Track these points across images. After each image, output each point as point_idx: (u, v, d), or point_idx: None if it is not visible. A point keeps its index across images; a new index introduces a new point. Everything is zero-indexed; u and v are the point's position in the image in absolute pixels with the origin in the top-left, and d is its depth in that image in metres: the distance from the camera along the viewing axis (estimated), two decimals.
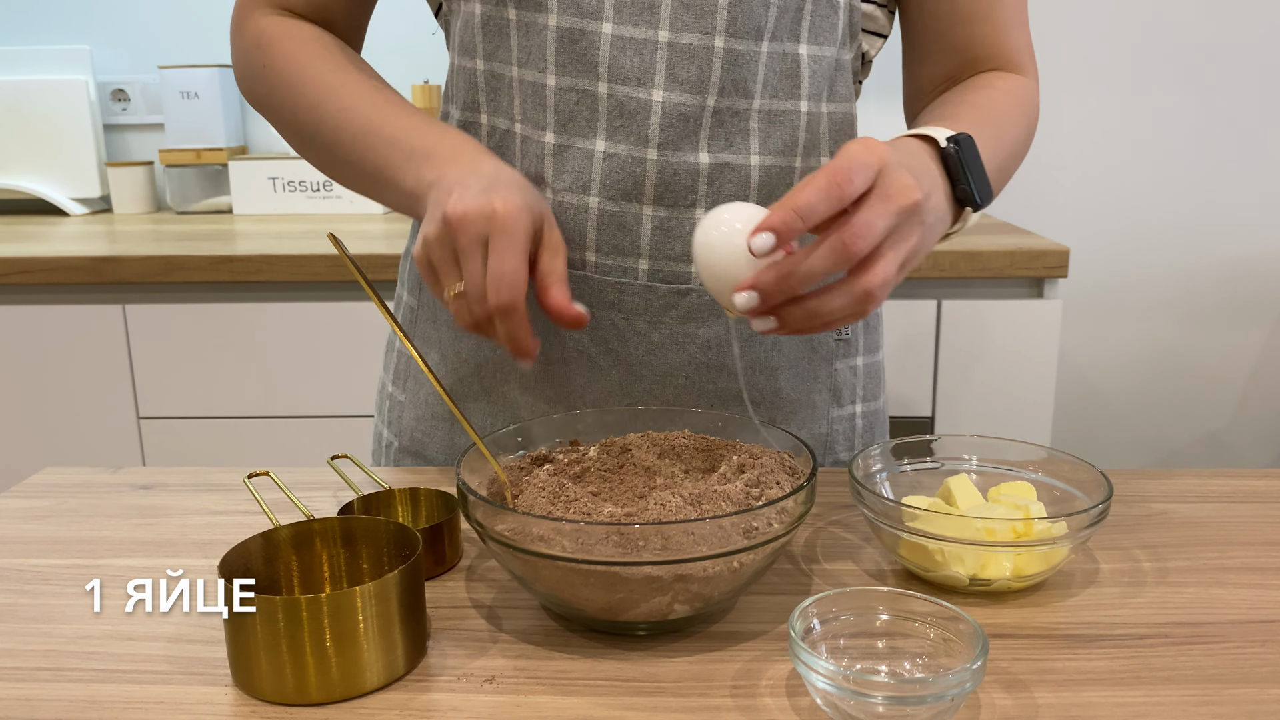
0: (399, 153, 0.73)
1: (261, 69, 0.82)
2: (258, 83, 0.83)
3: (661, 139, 0.75)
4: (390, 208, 0.78)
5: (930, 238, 0.63)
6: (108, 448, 1.75)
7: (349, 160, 0.77)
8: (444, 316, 0.85)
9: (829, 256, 0.56)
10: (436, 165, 0.71)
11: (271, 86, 0.81)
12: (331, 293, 1.69)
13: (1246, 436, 2.33)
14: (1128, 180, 2.21)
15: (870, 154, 0.58)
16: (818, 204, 0.56)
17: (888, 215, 0.57)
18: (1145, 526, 0.74)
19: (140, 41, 2.21)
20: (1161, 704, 0.53)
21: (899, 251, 0.59)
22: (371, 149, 0.75)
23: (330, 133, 0.78)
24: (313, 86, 0.79)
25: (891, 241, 0.58)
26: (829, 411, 0.86)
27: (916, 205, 0.58)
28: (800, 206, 0.56)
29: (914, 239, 0.60)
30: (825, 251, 0.56)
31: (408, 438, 0.89)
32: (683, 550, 0.54)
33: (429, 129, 0.74)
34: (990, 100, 0.78)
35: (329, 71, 0.79)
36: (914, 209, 0.58)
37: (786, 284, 0.57)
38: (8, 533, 0.74)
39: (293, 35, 0.81)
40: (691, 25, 0.73)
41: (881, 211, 0.57)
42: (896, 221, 0.58)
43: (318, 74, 0.79)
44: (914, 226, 0.60)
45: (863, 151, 0.58)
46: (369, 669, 0.53)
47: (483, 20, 0.78)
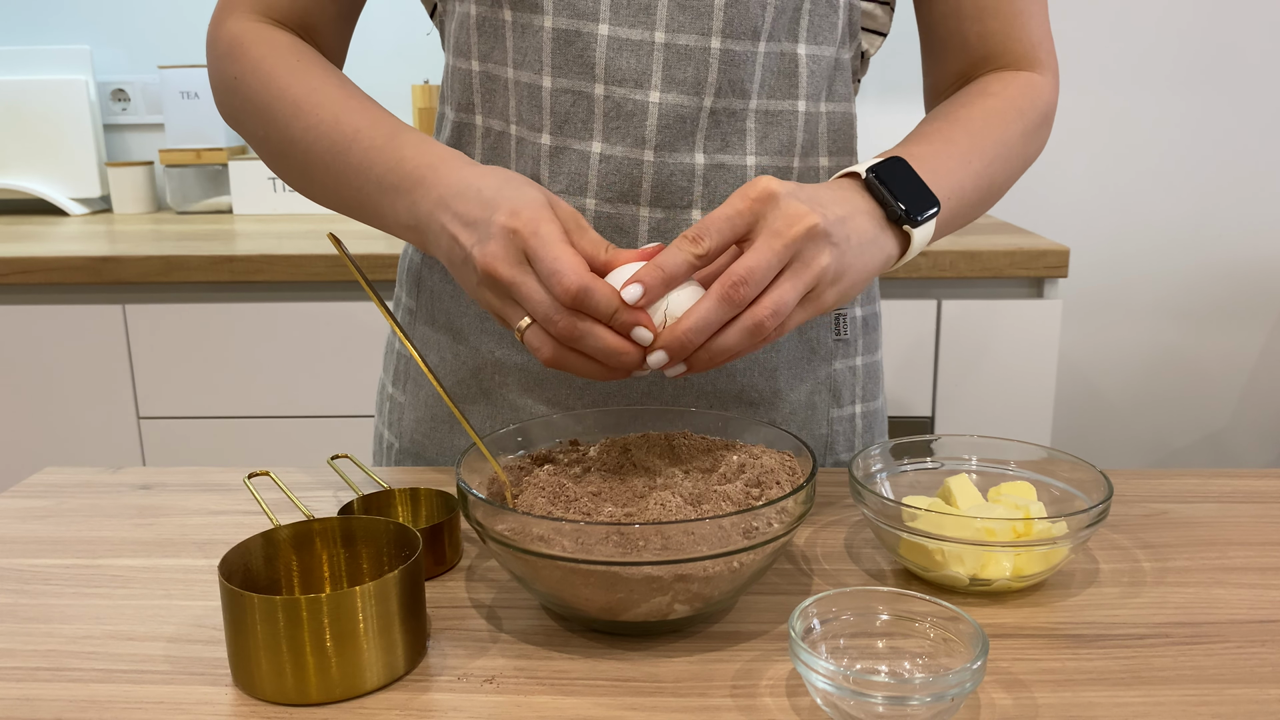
0: (369, 182, 0.70)
1: (234, 80, 0.78)
2: (230, 94, 0.79)
3: (658, 140, 0.75)
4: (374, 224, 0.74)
5: (859, 259, 0.64)
6: (108, 448, 1.75)
7: (325, 184, 0.74)
8: (442, 318, 0.85)
9: (717, 307, 0.59)
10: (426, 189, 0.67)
11: (242, 99, 0.78)
12: (331, 293, 1.69)
13: (1246, 436, 2.33)
14: (1128, 180, 2.21)
15: (742, 200, 0.61)
16: (675, 261, 0.60)
17: (774, 251, 0.59)
18: (1145, 526, 0.74)
19: (140, 41, 2.21)
20: (1161, 704, 0.53)
21: (799, 279, 0.60)
22: (342, 176, 0.72)
23: (301, 156, 0.75)
24: (280, 102, 0.75)
25: (791, 271, 0.60)
26: (829, 412, 0.86)
27: (813, 229, 0.60)
28: (663, 262, 0.60)
29: (822, 261, 0.61)
30: (712, 303, 0.59)
31: (408, 439, 0.89)
32: (683, 550, 0.54)
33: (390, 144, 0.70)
34: (977, 112, 0.78)
35: (297, 83, 0.75)
36: (810, 234, 0.60)
37: (688, 339, 0.60)
38: (8, 533, 0.74)
39: (262, 43, 0.78)
40: (688, 26, 0.73)
41: (766, 249, 0.59)
42: (788, 252, 0.60)
43: (285, 86, 0.75)
44: (817, 250, 0.61)
45: (735, 199, 0.61)
46: (369, 669, 0.53)
47: (478, 21, 0.78)
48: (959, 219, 0.75)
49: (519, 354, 0.81)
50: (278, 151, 0.77)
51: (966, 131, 0.76)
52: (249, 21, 0.80)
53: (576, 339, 0.60)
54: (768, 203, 0.60)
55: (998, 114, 0.78)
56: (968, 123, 0.77)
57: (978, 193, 0.76)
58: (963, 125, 0.77)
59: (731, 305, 0.59)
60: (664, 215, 0.76)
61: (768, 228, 0.60)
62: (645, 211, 0.76)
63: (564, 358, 0.61)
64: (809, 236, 0.60)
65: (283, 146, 0.76)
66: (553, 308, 0.60)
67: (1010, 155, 0.78)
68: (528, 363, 0.81)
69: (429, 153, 0.69)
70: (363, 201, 0.72)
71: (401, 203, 0.69)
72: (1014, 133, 0.78)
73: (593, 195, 0.76)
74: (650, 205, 0.76)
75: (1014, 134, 0.78)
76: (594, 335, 0.60)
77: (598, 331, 0.60)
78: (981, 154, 0.75)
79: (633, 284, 0.59)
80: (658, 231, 0.77)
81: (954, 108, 0.79)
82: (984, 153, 0.76)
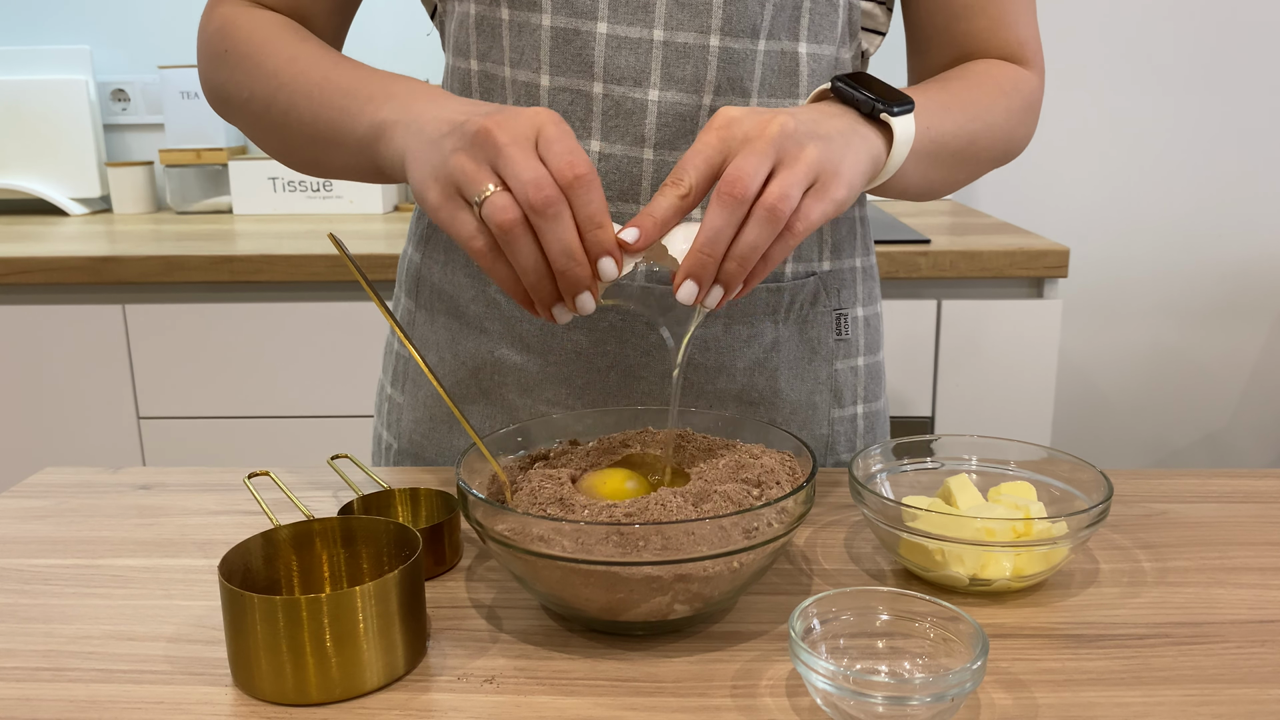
0: (353, 100, 0.69)
1: (222, 54, 0.79)
2: (218, 68, 0.79)
3: (658, 138, 0.75)
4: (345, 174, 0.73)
5: (845, 151, 0.62)
6: (108, 448, 1.75)
7: (304, 122, 0.73)
8: (442, 319, 0.85)
9: (720, 212, 0.57)
10: (400, 104, 0.66)
11: (231, 69, 0.78)
12: (331, 293, 1.69)
13: (1246, 436, 2.33)
14: (1128, 180, 2.21)
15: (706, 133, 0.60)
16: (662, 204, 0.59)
17: (755, 153, 0.58)
18: (1145, 526, 0.74)
19: (140, 41, 2.21)
20: (1161, 704, 0.53)
21: (793, 169, 0.59)
22: (326, 104, 0.71)
23: (285, 98, 0.74)
24: (271, 59, 0.75)
25: (782, 166, 0.59)
26: (830, 412, 0.86)
27: (784, 125, 0.59)
28: (651, 209, 0.59)
29: (809, 152, 0.59)
30: (715, 209, 0.58)
31: (406, 440, 0.89)
32: (683, 550, 0.54)
33: (387, 75, 0.70)
34: (955, 81, 0.78)
35: (289, 44, 0.76)
36: (783, 131, 0.59)
37: (705, 254, 0.58)
38: (8, 533, 0.74)
39: (254, 19, 0.79)
40: (686, 24, 0.73)
41: (748, 153, 0.58)
42: (769, 150, 0.58)
43: (278, 48, 0.76)
44: (798, 144, 0.59)
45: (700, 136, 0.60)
46: (369, 669, 0.53)
47: (476, 20, 0.78)
48: (940, 164, 0.74)
49: (519, 354, 0.81)
50: (261, 109, 0.76)
51: (945, 89, 0.76)
52: (240, 5, 0.81)
53: (550, 216, 0.56)
54: (733, 125, 0.60)
55: (978, 84, 0.78)
56: (945, 82, 0.77)
57: (957, 142, 0.75)
58: (939, 84, 0.77)
59: (734, 204, 0.57)
60: None
61: (740, 140, 0.59)
62: None
63: (513, 243, 0.57)
64: (783, 134, 0.59)
65: (269, 97, 0.75)
66: (543, 176, 0.56)
67: (992, 123, 0.78)
68: (527, 363, 0.81)
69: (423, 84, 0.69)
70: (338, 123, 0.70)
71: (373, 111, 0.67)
72: (998, 105, 0.78)
73: None
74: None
75: (998, 106, 0.78)
76: (565, 223, 0.57)
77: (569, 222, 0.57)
78: (962, 108, 0.75)
79: (629, 228, 0.58)
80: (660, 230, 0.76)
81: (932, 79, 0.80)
82: (964, 108, 0.75)
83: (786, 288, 0.81)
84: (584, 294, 0.58)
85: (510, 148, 0.57)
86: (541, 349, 0.80)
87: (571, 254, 0.57)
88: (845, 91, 0.66)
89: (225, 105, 0.81)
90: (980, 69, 0.81)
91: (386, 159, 0.67)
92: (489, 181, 0.57)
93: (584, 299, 0.59)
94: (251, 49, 0.77)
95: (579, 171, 0.57)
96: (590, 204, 0.57)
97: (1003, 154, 0.81)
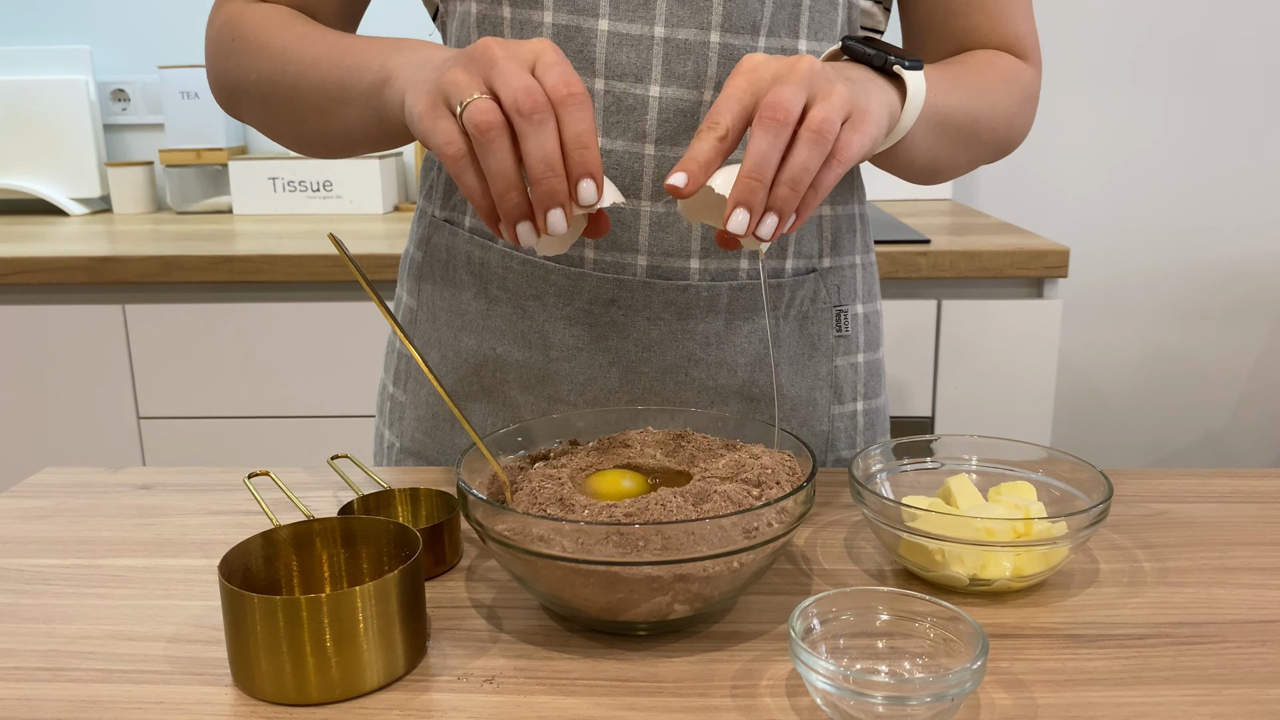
0: (362, 58, 0.69)
1: (229, 42, 0.80)
2: (225, 56, 0.80)
3: (659, 134, 0.75)
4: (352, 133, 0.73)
5: (870, 91, 0.63)
6: (108, 448, 1.75)
7: (313, 89, 0.73)
8: (443, 317, 0.85)
9: (765, 136, 0.57)
10: (410, 51, 0.66)
11: (239, 55, 0.79)
12: (331, 293, 1.69)
13: (1246, 436, 2.33)
14: (1128, 180, 2.21)
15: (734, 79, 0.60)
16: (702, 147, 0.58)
17: (790, 84, 0.58)
18: (1145, 526, 0.74)
19: (140, 41, 2.21)
20: (1161, 704, 0.53)
21: (829, 100, 0.58)
22: (336, 63, 0.71)
23: (294, 70, 0.74)
24: (279, 38, 0.76)
25: (818, 97, 0.58)
26: (830, 409, 0.86)
27: (812, 65, 0.59)
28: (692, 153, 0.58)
29: (840, 89, 0.59)
30: (758, 135, 0.57)
31: (409, 439, 0.89)
32: (683, 550, 0.54)
33: (396, 39, 0.70)
34: (957, 65, 0.79)
35: (297, 24, 0.77)
36: (811, 68, 0.59)
37: (753, 179, 0.57)
38: (8, 533, 0.74)
39: (263, 8, 0.81)
40: (687, 20, 0.73)
41: (784, 84, 0.58)
42: (803, 83, 0.58)
43: (285, 29, 0.77)
44: (830, 81, 0.59)
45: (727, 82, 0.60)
46: (369, 669, 0.53)
47: (478, 19, 0.78)
48: (945, 137, 0.75)
49: (520, 351, 0.81)
50: (270, 88, 0.76)
51: (949, 69, 0.77)
52: (246, 2, 0.82)
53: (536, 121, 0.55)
54: (759, 68, 0.59)
55: (980, 70, 0.79)
56: (949, 65, 0.78)
57: (963, 117, 0.75)
58: (943, 65, 0.78)
59: (778, 127, 0.57)
60: (665, 209, 0.76)
61: (773, 79, 0.59)
62: (647, 206, 0.76)
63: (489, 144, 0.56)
64: (812, 70, 0.59)
65: (276, 75, 0.75)
66: (535, 86, 0.56)
67: (995, 105, 0.79)
68: (529, 359, 0.81)
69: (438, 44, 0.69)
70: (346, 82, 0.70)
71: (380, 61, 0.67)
72: (999, 89, 0.79)
73: None
74: (652, 199, 0.76)
75: (999, 89, 0.79)
76: (549, 132, 0.56)
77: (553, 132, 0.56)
78: (967, 88, 0.76)
79: (676, 172, 0.57)
80: (659, 225, 0.77)
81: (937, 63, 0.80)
82: (969, 87, 0.76)
83: (787, 284, 0.81)
84: (555, 210, 0.57)
85: (506, 60, 0.57)
86: (543, 345, 0.80)
87: (551, 164, 0.56)
88: (856, 49, 0.67)
89: (233, 94, 0.81)
90: (982, 56, 0.82)
91: (390, 101, 0.66)
92: (477, 90, 0.57)
93: (555, 215, 0.57)
94: (259, 32, 0.78)
95: (573, 90, 0.56)
96: (580, 122, 0.56)
97: (1004, 139, 0.82)
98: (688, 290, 0.78)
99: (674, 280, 0.78)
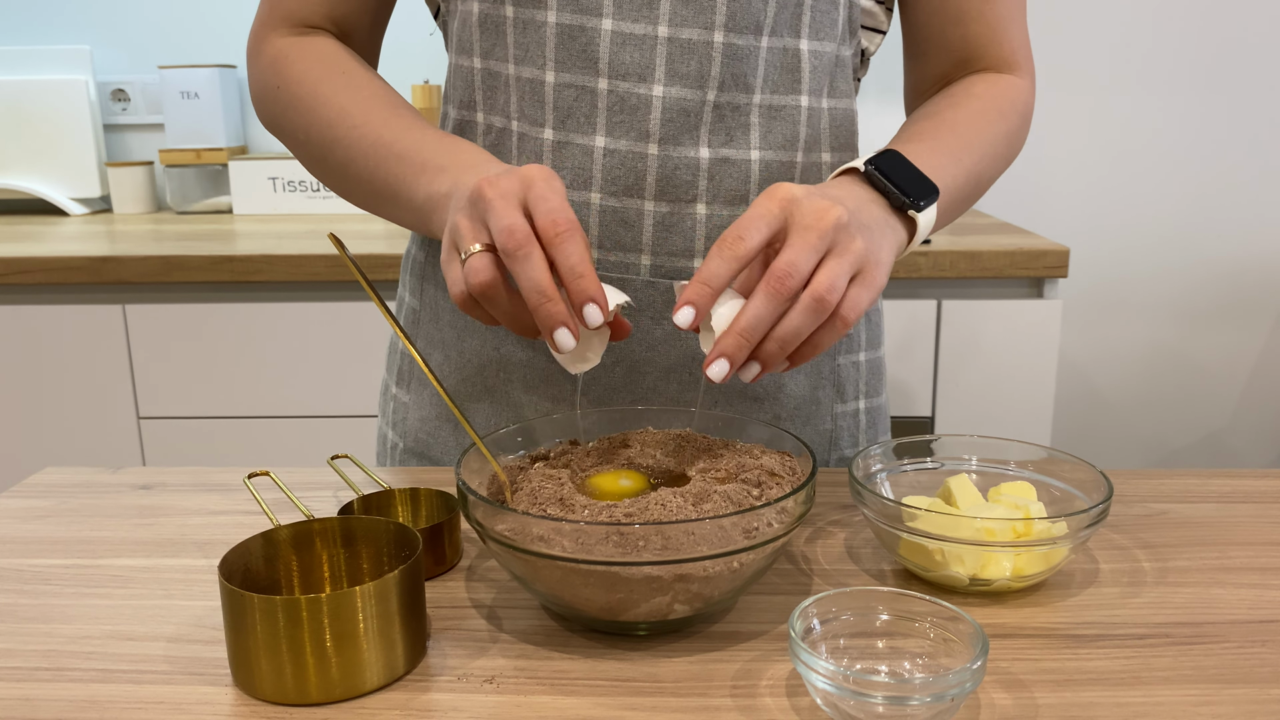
0: (409, 168, 0.72)
1: (275, 90, 0.81)
2: (270, 103, 0.82)
3: (662, 134, 0.75)
4: (405, 226, 0.77)
5: (883, 241, 0.65)
6: (108, 448, 1.75)
7: (361, 178, 0.76)
8: (446, 316, 0.85)
9: (766, 302, 0.59)
10: (451, 175, 0.69)
11: (284, 107, 0.81)
12: (331, 293, 1.69)
13: (1246, 436, 2.33)
14: (1128, 180, 2.21)
15: (769, 201, 0.61)
16: (719, 269, 0.59)
17: (809, 245, 0.59)
18: (1145, 526, 0.74)
19: (140, 41, 2.21)
20: (1161, 704, 0.53)
21: (843, 261, 0.60)
22: (382, 165, 0.74)
23: (342, 152, 0.77)
24: (325, 107, 0.78)
25: (832, 256, 0.60)
26: (833, 407, 0.86)
27: (839, 220, 0.60)
28: (705, 276, 0.59)
29: (857, 244, 0.61)
30: (760, 299, 0.59)
31: (412, 439, 0.89)
32: (683, 550, 0.54)
33: (441, 143, 0.73)
34: (963, 113, 0.80)
35: (340, 90, 0.78)
36: (838, 224, 0.60)
37: (743, 338, 0.59)
38: (8, 533, 0.74)
39: (305, 54, 0.81)
40: (690, 20, 0.73)
41: (801, 243, 0.59)
42: (824, 242, 0.60)
43: (329, 93, 0.78)
44: (850, 236, 0.61)
45: (761, 201, 0.61)
46: (369, 669, 0.53)
47: (480, 18, 0.78)
48: (951, 213, 0.77)
49: (523, 350, 0.81)
50: (320, 153, 0.79)
51: (954, 131, 0.78)
52: (290, 36, 0.83)
53: (520, 257, 0.58)
54: (793, 204, 0.61)
55: (982, 115, 0.80)
56: (954, 123, 0.79)
57: (969, 187, 0.77)
58: (949, 125, 0.79)
59: (779, 298, 0.59)
60: (669, 209, 0.77)
61: (798, 224, 0.60)
62: (650, 205, 0.76)
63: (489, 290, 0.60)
64: (838, 226, 0.60)
65: (326, 147, 0.78)
66: (517, 223, 0.59)
67: (995, 154, 0.80)
68: (531, 359, 0.81)
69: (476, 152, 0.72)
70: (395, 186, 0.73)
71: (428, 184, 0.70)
72: (999, 132, 0.81)
73: (597, 189, 0.76)
74: (655, 199, 0.76)
75: (999, 134, 0.81)
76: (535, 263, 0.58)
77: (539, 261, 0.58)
78: (970, 151, 0.77)
79: (683, 307, 0.59)
80: (662, 225, 0.77)
81: (941, 107, 0.81)
82: (972, 150, 0.77)
83: None
84: (560, 330, 0.59)
85: (496, 201, 0.60)
86: (545, 345, 0.80)
87: (543, 290, 0.58)
88: (879, 181, 0.68)
89: (280, 135, 0.84)
90: (980, 92, 0.82)
91: (437, 231, 0.70)
92: (476, 241, 0.61)
93: (561, 335, 0.59)
94: (304, 91, 0.79)
95: (560, 229, 0.59)
96: (572, 255, 0.59)
97: (1001, 173, 0.84)
98: None
99: (678, 280, 0.78)
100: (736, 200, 0.77)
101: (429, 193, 0.70)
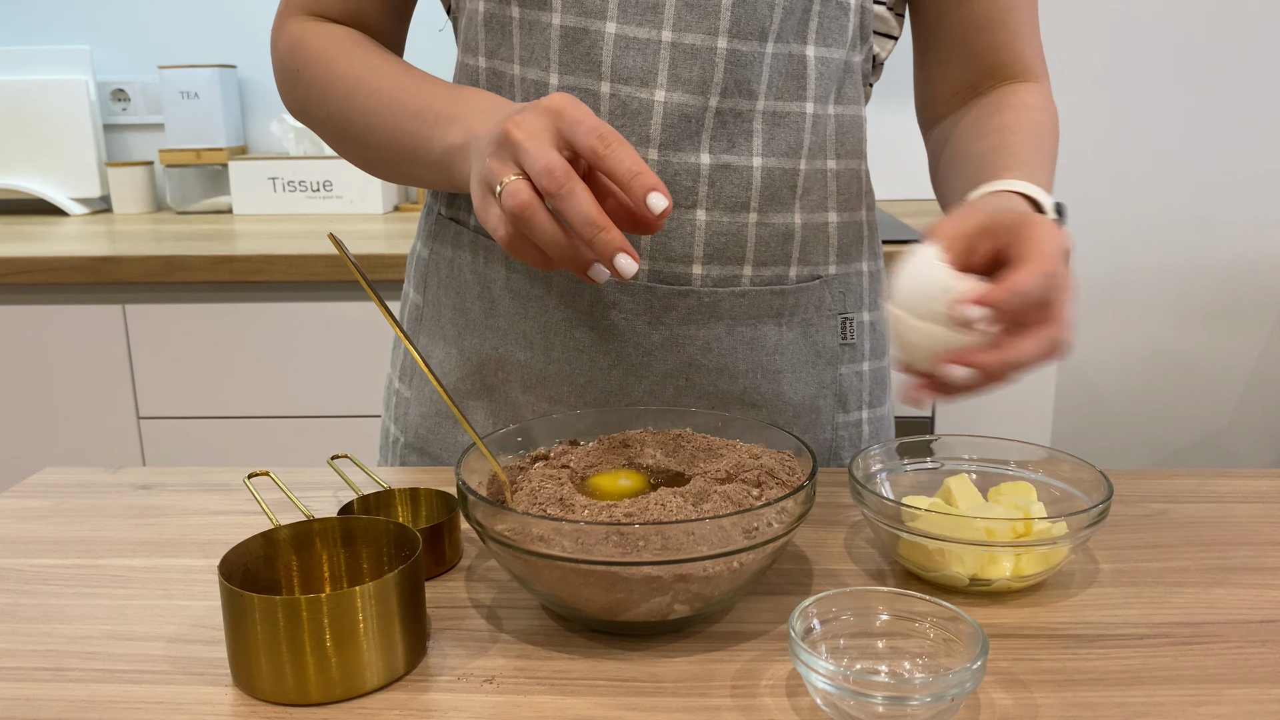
0: (424, 123, 0.73)
1: (295, 73, 0.83)
2: (292, 87, 0.84)
3: (663, 139, 0.75)
4: (435, 187, 0.78)
5: None
6: (108, 448, 1.75)
7: (382, 144, 0.77)
8: (448, 314, 0.85)
9: (1039, 348, 0.57)
10: (462, 124, 0.70)
11: (307, 89, 0.82)
12: (331, 293, 1.69)
13: (1246, 436, 2.33)
14: (1128, 180, 2.21)
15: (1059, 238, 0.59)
16: (1033, 291, 0.56)
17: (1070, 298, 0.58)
18: (1145, 526, 0.74)
19: (140, 41, 2.21)
20: (1161, 704, 0.53)
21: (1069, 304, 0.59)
22: (400, 125, 0.75)
23: (360, 120, 0.78)
24: (343, 80, 0.79)
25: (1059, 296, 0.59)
26: (834, 417, 0.86)
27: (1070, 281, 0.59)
28: (1021, 291, 0.56)
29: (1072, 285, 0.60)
30: (1036, 344, 0.57)
31: (413, 434, 0.89)
32: (683, 550, 0.54)
33: (450, 93, 0.74)
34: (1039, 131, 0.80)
35: (356, 62, 0.80)
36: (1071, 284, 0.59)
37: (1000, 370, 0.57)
38: (8, 533, 0.74)
39: (321, 35, 0.82)
40: (695, 25, 0.73)
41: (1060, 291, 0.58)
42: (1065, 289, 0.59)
43: (345, 68, 0.79)
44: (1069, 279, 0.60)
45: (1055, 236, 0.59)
46: (369, 669, 0.53)
47: (485, 18, 0.78)
48: None
49: (522, 351, 0.81)
50: (340, 125, 0.80)
51: (1041, 150, 0.78)
52: (307, 21, 0.84)
53: (564, 195, 0.58)
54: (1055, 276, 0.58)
55: (1046, 127, 0.81)
56: (1036, 136, 0.79)
57: None
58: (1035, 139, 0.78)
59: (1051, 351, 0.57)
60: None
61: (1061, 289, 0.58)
62: None
63: (529, 222, 0.60)
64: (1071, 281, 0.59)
65: (345, 118, 0.79)
66: (554, 160, 0.59)
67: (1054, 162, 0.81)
68: (531, 359, 0.81)
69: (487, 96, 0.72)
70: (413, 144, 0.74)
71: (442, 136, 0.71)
72: (1055, 142, 0.82)
73: None
74: None
75: (1055, 143, 0.82)
76: (580, 197, 0.58)
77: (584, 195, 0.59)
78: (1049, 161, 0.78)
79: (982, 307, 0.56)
80: (663, 231, 0.77)
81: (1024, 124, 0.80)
82: (1049, 160, 0.78)
83: (790, 291, 0.81)
84: (620, 256, 0.59)
85: (526, 143, 0.60)
86: (545, 346, 0.80)
87: (594, 221, 0.59)
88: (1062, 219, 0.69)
89: (304, 118, 0.85)
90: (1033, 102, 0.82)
91: (460, 182, 0.71)
92: (510, 173, 0.61)
93: (622, 261, 0.59)
94: (321, 69, 0.81)
95: (608, 141, 0.59)
96: (625, 160, 0.59)
97: None
98: (689, 296, 0.78)
99: (676, 285, 0.78)
100: (737, 207, 0.77)
101: (445, 145, 0.71)
